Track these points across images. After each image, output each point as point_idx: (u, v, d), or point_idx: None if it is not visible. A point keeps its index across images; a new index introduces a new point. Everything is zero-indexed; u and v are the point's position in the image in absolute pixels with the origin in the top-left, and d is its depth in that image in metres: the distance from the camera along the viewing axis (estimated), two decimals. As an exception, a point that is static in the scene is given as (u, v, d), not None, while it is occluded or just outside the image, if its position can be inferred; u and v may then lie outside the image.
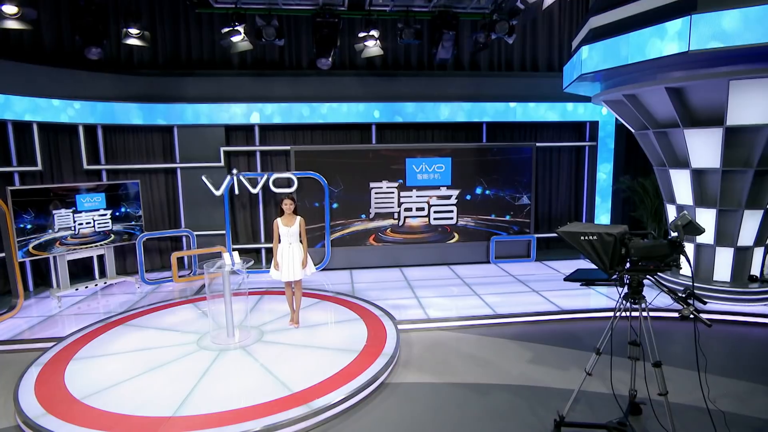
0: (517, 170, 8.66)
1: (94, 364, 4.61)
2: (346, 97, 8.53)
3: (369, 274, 8.10)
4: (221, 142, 8.35)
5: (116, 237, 7.25)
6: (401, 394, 4.21)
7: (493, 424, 3.75)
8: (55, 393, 4.03)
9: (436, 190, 8.46)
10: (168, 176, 8.52)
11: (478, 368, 4.72)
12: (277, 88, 8.42)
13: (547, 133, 9.42)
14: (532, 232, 8.86)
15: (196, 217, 8.42)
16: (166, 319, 5.89)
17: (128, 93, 7.92)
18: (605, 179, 9.31)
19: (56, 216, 6.54)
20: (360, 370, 4.39)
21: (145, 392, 4.03)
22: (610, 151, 9.25)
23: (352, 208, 8.31)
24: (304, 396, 3.92)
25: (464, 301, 6.58)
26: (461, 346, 5.30)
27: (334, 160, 8.13)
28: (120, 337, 5.29)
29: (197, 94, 8.22)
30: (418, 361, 4.88)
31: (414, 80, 8.75)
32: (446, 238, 8.63)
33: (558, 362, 4.84)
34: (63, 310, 6.37)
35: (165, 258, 8.63)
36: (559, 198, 9.72)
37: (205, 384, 4.17)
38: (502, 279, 7.67)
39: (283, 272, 5.39)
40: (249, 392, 4.00)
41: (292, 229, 5.36)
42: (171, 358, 4.71)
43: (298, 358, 4.71)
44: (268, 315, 5.94)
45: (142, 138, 8.28)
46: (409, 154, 8.32)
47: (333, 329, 5.52)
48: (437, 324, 5.80)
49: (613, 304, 6.40)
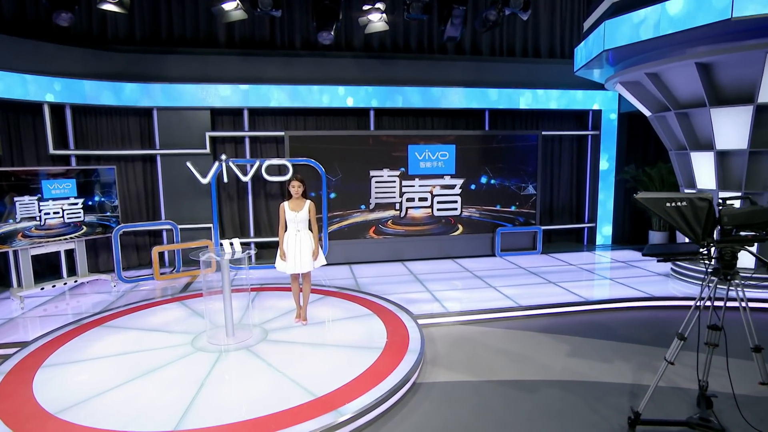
0: (523, 159, 8.28)
1: (69, 371, 3.87)
2: (343, 80, 7.96)
3: (370, 268, 7.52)
4: (206, 127, 7.62)
5: (89, 229, 6.41)
6: (439, 395, 3.67)
7: (552, 424, 3.25)
8: (22, 407, 3.28)
9: (440, 179, 7.98)
10: (146, 164, 7.72)
11: (515, 364, 4.23)
12: (268, 69, 7.77)
13: (548, 121, 9.11)
14: (538, 224, 8.49)
15: (177, 210, 7.64)
16: (151, 318, 5.16)
17: (101, 70, 7.10)
18: (608, 169, 9.06)
19: (18, 204, 5.68)
20: (387, 369, 3.82)
21: (137, 402, 3.34)
22: (613, 141, 9.01)
23: (351, 199, 7.72)
24: (330, 401, 3.32)
25: (481, 293, 6.10)
26: (488, 340, 4.80)
27: (332, 147, 7.53)
28: (98, 340, 4.53)
29: (179, 73, 7.48)
30: (447, 358, 4.35)
31: (414, 64, 8.26)
32: (450, 230, 8.14)
33: (599, 355, 4.40)
34: (26, 312, 5.52)
35: (142, 255, 7.81)
36: (560, 189, 9.42)
37: (209, 390, 3.51)
38: (513, 271, 7.23)
39: (290, 263, 4.76)
40: (264, 398, 3.37)
41: (300, 215, 4.74)
42: (162, 361, 4.01)
43: (312, 358, 4.10)
44: (269, 312, 5.29)
45: (117, 121, 7.46)
46: (411, 140, 7.81)
47: (346, 326, 4.92)
48: (459, 318, 5.28)
49: (638, 293, 6.12)
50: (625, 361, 4.25)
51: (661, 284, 6.41)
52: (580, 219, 9.49)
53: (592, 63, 6.56)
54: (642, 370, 4.06)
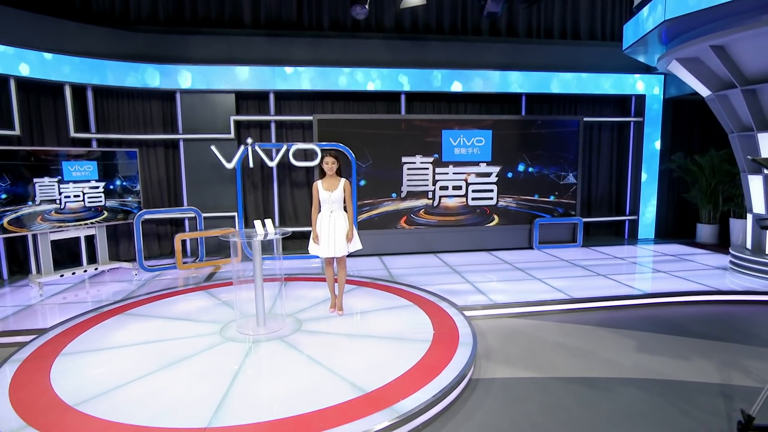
0: (563, 146, 7.78)
1: (90, 361, 3.53)
2: (373, 62, 7.56)
3: (402, 260, 7.10)
4: (231, 111, 7.29)
5: (110, 215, 6.12)
6: (501, 392, 3.23)
7: (638, 427, 2.80)
8: (39, 398, 2.94)
9: (475, 166, 7.53)
10: (168, 150, 7.42)
11: (579, 359, 3.77)
12: (295, 50, 7.41)
13: (587, 107, 8.59)
14: (578, 215, 7.98)
15: (200, 197, 7.32)
16: (175, 307, 4.82)
17: (123, 51, 6.82)
18: (652, 158, 8.50)
19: (38, 185, 5.40)
20: (440, 363, 3.39)
21: (164, 395, 2.97)
22: (658, 128, 8.46)
23: (381, 186, 7.31)
24: (382, 397, 2.90)
25: (527, 285, 5.64)
26: (542, 334, 4.35)
27: (362, 131, 7.14)
28: (120, 328, 4.19)
29: (203, 55, 7.17)
30: (502, 353, 3.91)
31: (447, 45, 7.83)
32: (485, 220, 7.68)
33: (672, 351, 3.92)
34: (45, 299, 5.23)
35: (164, 244, 7.51)
36: (599, 180, 8.88)
37: (243, 383, 3.13)
38: (556, 263, 6.75)
39: (323, 247, 4.37)
40: (306, 393, 2.97)
41: (334, 194, 4.35)
42: (190, 351, 3.65)
43: (354, 350, 3.69)
44: (301, 301, 4.90)
45: (139, 105, 7.17)
46: (445, 125, 7.37)
47: (386, 316, 4.50)
48: (507, 310, 4.83)
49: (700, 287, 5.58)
50: (705, 358, 3.77)
51: (720, 277, 5.89)
52: (620, 211, 8.94)
53: (646, 39, 6.06)
54: (728, 369, 3.57)
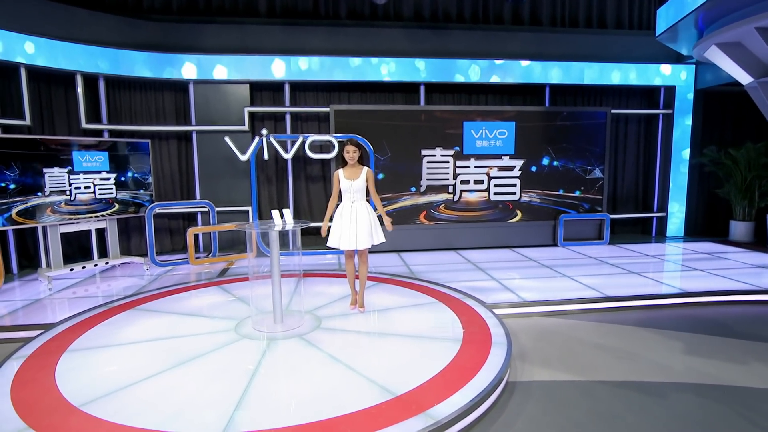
0: (590, 138, 7.44)
1: (98, 358, 3.30)
2: (391, 52, 7.29)
3: (422, 256, 6.82)
4: (245, 102, 7.08)
5: (121, 207, 5.92)
6: (542, 396, 2.94)
7: (705, 441, 2.50)
8: (42, 398, 2.72)
9: (498, 159, 7.22)
10: (181, 142, 7.22)
11: (624, 362, 3.47)
12: (310, 40, 7.17)
13: (613, 99, 8.23)
14: (604, 211, 7.63)
15: (213, 191, 7.12)
16: (188, 302, 4.59)
17: (136, 40, 6.64)
18: (682, 152, 8.12)
19: (48, 176, 5.22)
20: (474, 364, 3.11)
21: (176, 396, 2.73)
22: (688, 120, 8.07)
23: (400, 180, 7.04)
24: (414, 401, 2.63)
25: (555, 282, 5.33)
26: (578, 334, 4.04)
27: (381, 123, 6.87)
28: (130, 324, 3.97)
29: (217, 44, 6.96)
30: (538, 354, 3.61)
31: (468, 34, 7.54)
32: (507, 216, 7.37)
33: (725, 354, 3.59)
34: (54, 293, 5.04)
35: (176, 239, 7.32)
36: (625, 175, 8.51)
37: (261, 384, 2.87)
38: (583, 261, 6.42)
39: (344, 238, 4.10)
40: (331, 395, 2.71)
41: (356, 183, 4.09)
42: (203, 349, 3.41)
43: (379, 350, 3.43)
44: (318, 298, 4.65)
45: (152, 96, 6.99)
46: (467, 116, 7.08)
47: (410, 314, 4.23)
48: (538, 308, 4.53)
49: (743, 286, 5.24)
50: (764, 363, 3.44)
51: (762, 276, 5.52)
52: (647, 208, 8.57)
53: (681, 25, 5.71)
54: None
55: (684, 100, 8.03)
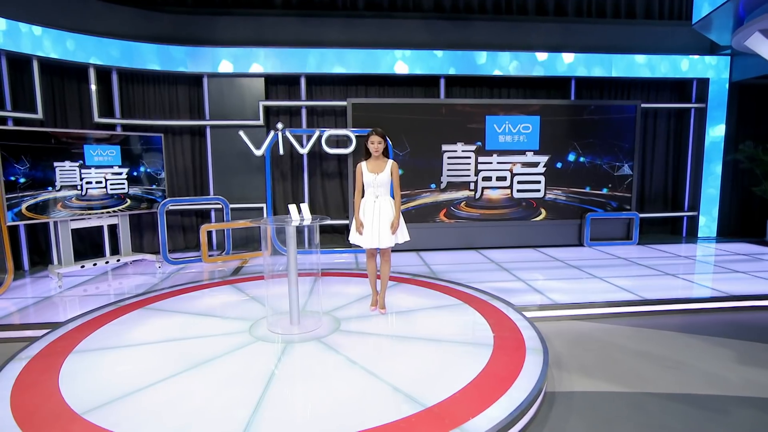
0: (618, 133, 7.10)
1: (104, 360, 3.11)
2: (410, 44, 7.05)
3: (442, 255, 6.54)
4: (260, 96, 6.88)
5: (133, 203, 5.77)
6: (587, 410, 2.66)
7: (780, 466, 2.19)
8: (44, 403, 2.52)
9: (521, 155, 6.92)
10: (195, 138, 7.06)
11: (672, 372, 3.16)
12: (327, 32, 6.96)
13: (640, 92, 7.87)
14: (634, 209, 7.27)
15: (227, 187, 6.94)
16: (200, 302, 4.39)
17: (150, 32, 6.49)
18: (715, 148, 7.72)
19: (58, 170, 5.08)
20: (509, 373, 2.84)
21: (185, 404, 2.51)
22: (722, 115, 7.68)
23: (419, 176, 6.78)
24: (447, 413, 2.37)
25: (586, 284, 5.02)
26: (617, 339, 3.74)
27: (400, 117, 6.62)
28: (140, 324, 3.78)
29: (232, 37, 6.78)
30: (575, 361, 3.33)
31: (490, 26, 7.25)
32: (531, 214, 7.06)
33: (785, 365, 3.27)
34: (64, 290, 4.89)
35: (189, 237, 7.16)
36: (654, 172, 8.14)
37: (277, 392, 2.64)
38: (612, 262, 6.09)
39: (366, 236, 3.86)
40: (354, 406, 2.47)
41: (380, 177, 3.84)
42: (216, 352, 3.19)
43: (404, 355, 3.17)
44: (336, 298, 4.41)
45: (165, 90, 6.83)
46: (489, 110, 6.79)
47: (435, 316, 3.97)
48: (570, 311, 4.24)
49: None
50: (830, 374, 3.11)
51: (812, 280, 5.15)
52: (677, 207, 8.18)
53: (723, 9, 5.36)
54: None
55: (718, 94, 7.63)
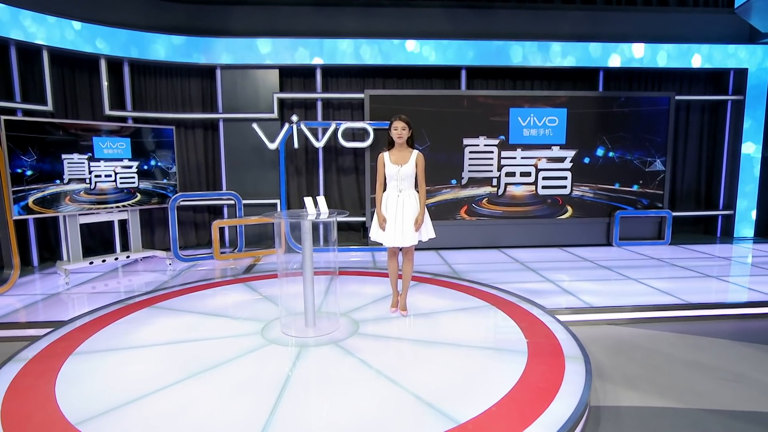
0: (650, 127, 6.71)
1: (106, 363, 2.89)
2: (430, 33, 6.76)
3: (463, 254, 6.24)
4: (274, 88, 6.66)
5: (143, 197, 5.58)
6: (639, 428, 2.35)
7: None
8: (37, 412, 2.30)
9: (547, 150, 6.57)
10: (207, 132, 6.87)
11: (730, 385, 2.83)
12: (344, 21, 6.70)
13: (671, 84, 7.45)
14: (666, 207, 6.88)
15: (240, 182, 6.73)
16: (211, 301, 4.16)
17: (162, 23, 6.30)
18: (755, 144, 7.27)
19: (66, 162, 4.90)
20: (548, 384, 2.55)
21: (190, 415, 2.27)
22: (762, 108, 7.23)
23: (440, 171, 6.48)
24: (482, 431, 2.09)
25: (620, 286, 4.68)
26: (662, 347, 3.41)
27: (419, 109, 6.33)
28: (147, 324, 3.56)
29: (246, 27, 6.57)
30: (618, 371, 3.01)
31: (514, 14, 6.92)
32: (557, 212, 6.72)
33: None
34: (72, 287, 4.71)
35: (201, 234, 6.97)
36: (686, 168, 7.71)
37: (292, 401, 2.39)
38: (645, 262, 5.72)
39: (388, 233, 3.58)
40: (376, 421, 2.20)
41: (404, 169, 3.55)
42: (226, 356, 2.95)
43: (429, 362, 2.89)
44: (354, 299, 4.15)
45: (177, 82, 6.65)
46: (513, 102, 6.46)
47: (460, 318, 3.68)
48: (607, 315, 3.90)
49: None
50: None
51: None
52: (711, 205, 7.74)
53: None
54: None
55: (757, 85, 7.19)
